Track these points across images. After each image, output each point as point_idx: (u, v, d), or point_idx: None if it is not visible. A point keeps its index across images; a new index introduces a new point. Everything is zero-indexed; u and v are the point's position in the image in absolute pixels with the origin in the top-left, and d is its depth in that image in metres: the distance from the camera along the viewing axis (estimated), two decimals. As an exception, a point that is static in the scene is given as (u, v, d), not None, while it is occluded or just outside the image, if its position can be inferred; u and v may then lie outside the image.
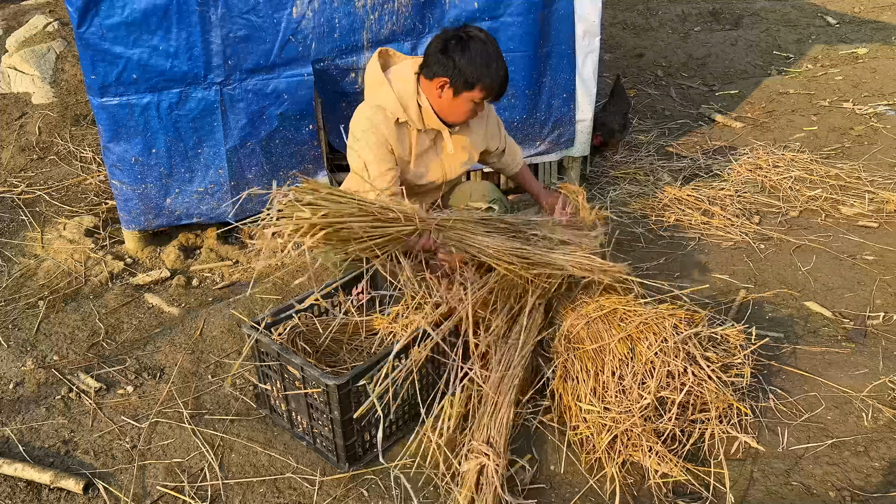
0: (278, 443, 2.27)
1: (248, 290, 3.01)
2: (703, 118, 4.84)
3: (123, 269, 3.14)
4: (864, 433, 2.26)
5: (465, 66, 2.30)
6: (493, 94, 2.38)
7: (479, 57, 2.29)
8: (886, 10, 6.91)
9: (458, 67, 2.30)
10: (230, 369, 2.59)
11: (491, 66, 2.31)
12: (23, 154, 3.93)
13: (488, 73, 2.31)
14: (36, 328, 2.78)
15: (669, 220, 3.56)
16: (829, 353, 2.61)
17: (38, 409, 2.41)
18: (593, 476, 2.13)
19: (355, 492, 2.09)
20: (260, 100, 2.95)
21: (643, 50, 6.13)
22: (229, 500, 2.08)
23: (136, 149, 2.93)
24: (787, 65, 5.72)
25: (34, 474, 2.12)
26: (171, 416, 2.38)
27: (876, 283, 3.01)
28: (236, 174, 3.06)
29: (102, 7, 2.65)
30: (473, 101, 2.39)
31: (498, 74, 2.33)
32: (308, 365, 2.08)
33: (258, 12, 2.80)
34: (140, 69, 2.78)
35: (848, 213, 3.55)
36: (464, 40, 2.30)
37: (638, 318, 2.29)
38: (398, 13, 3.00)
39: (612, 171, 4.08)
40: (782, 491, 2.07)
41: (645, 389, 2.14)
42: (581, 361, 2.28)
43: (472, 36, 2.31)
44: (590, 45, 3.38)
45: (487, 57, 2.30)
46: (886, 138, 4.33)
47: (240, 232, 3.40)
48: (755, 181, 3.88)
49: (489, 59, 2.30)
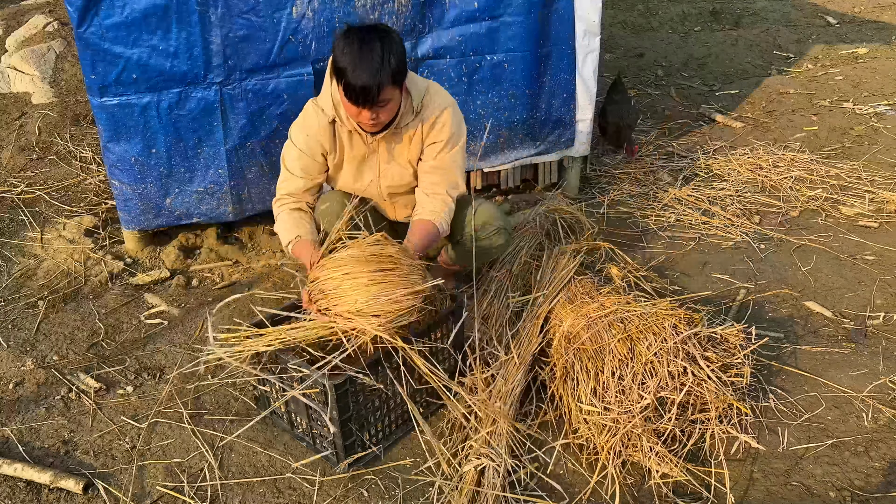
0: (278, 443, 2.27)
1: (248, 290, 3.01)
2: (703, 118, 4.84)
3: (123, 269, 3.13)
4: (864, 433, 2.26)
5: (337, 55, 2.09)
6: (350, 96, 2.10)
7: (349, 50, 2.05)
8: (886, 10, 6.91)
9: (333, 55, 2.12)
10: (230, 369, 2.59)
11: (357, 65, 2.04)
12: (23, 154, 3.93)
13: (349, 71, 2.05)
14: (36, 328, 2.78)
15: (669, 220, 3.55)
16: (829, 353, 2.61)
17: (38, 409, 2.41)
18: (593, 476, 2.13)
19: (355, 492, 2.09)
20: (260, 100, 2.95)
21: (643, 50, 6.13)
22: (229, 500, 2.08)
23: (136, 149, 2.92)
24: (787, 65, 5.72)
25: (34, 474, 2.12)
26: (170, 416, 2.38)
27: (876, 283, 3.01)
28: (236, 174, 3.06)
29: (102, 7, 2.65)
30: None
31: (357, 76, 2.04)
32: (306, 365, 2.08)
33: (258, 12, 2.80)
34: (140, 69, 2.77)
35: (848, 213, 3.55)
36: (355, 31, 2.09)
37: (638, 318, 2.29)
38: (398, 13, 3.00)
39: (613, 170, 4.08)
40: (782, 491, 2.07)
41: (645, 390, 2.14)
42: (581, 362, 2.28)
43: (367, 32, 2.09)
44: (590, 45, 3.38)
45: (359, 56, 2.04)
46: (886, 138, 4.33)
47: (239, 232, 3.40)
48: (755, 181, 3.88)
49: (361, 58, 2.04)
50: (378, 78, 2.05)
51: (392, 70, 2.08)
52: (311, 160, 2.39)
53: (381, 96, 2.10)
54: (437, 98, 2.35)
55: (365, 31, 2.09)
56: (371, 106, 2.12)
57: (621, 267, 2.97)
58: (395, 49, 2.09)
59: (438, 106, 2.33)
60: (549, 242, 3.15)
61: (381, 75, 2.06)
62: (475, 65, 3.22)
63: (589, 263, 3.05)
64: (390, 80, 2.09)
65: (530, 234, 3.13)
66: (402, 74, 2.15)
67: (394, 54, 2.08)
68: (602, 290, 2.59)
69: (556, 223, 3.26)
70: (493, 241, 2.54)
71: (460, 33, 3.13)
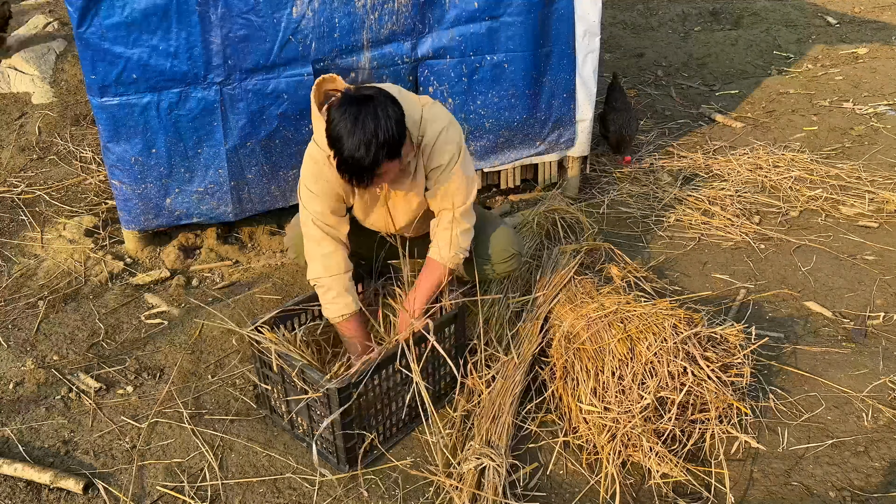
0: (278, 443, 2.27)
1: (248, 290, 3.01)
2: (703, 118, 4.84)
3: (123, 269, 3.13)
4: (864, 433, 2.26)
5: (330, 132, 2.00)
6: (344, 177, 2.04)
7: (345, 128, 1.96)
8: (886, 10, 6.90)
9: (328, 131, 2.01)
10: (230, 369, 2.59)
11: (352, 148, 1.95)
12: (23, 154, 3.93)
13: (344, 151, 1.97)
14: (36, 328, 2.78)
15: (669, 220, 3.55)
16: (829, 353, 2.61)
17: (38, 409, 2.41)
18: (593, 476, 2.13)
19: (355, 492, 2.09)
20: (260, 100, 2.95)
21: (643, 50, 6.13)
22: (229, 500, 2.08)
23: (136, 149, 2.92)
24: (787, 65, 5.72)
25: (34, 474, 2.12)
26: (170, 416, 2.38)
27: (876, 283, 3.01)
28: (236, 174, 3.06)
29: (102, 7, 2.65)
30: None
31: (352, 159, 1.96)
32: (308, 368, 2.08)
33: (258, 12, 2.80)
34: (140, 69, 2.77)
35: (848, 213, 3.55)
36: (350, 107, 1.98)
37: (638, 318, 2.29)
38: (398, 13, 3.00)
39: (613, 171, 4.08)
40: (782, 491, 2.07)
41: (645, 390, 2.14)
42: (581, 362, 2.28)
43: (362, 107, 1.97)
44: (590, 45, 3.38)
45: (354, 135, 1.95)
46: (886, 138, 4.33)
47: (239, 232, 3.40)
48: (755, 181, 3.88)
49: (355, 139, 1.95)
50: (374, 159, 1.96)
51: (388, 147, 1.98)
52: (335, 202, 2.26)
53: (377, 172, 2.02)
54: (435, 123, 2.21)
55: (360, 105, 1.97)
56: (367, 186, 2.08)
57: (621, 267, 2.98)
58: (392, 123, 1.98)
59: (434, 130, 2.20)
60: (549, 242, 3.15)
61: (377, 156, 1.96)
62: (475, 65, 3.22)
63: (589, 263, 3.05)
64: (386, 158, 2.00)
65: (530, 234, 3.13)
66: (398, 146, 2.03)
67: (390, 129, 1.97)
68: (602, 290, 2.59)
69: (556, 223, 3.26)
70: (506, 266, 2.53)
71: (460, 33, 3.13)
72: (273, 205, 3.20)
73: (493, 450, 2.09)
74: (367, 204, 2.34)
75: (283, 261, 3.22)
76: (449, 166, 2.23)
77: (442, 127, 2.21)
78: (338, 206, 2.27)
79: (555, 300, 2.59)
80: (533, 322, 2.53)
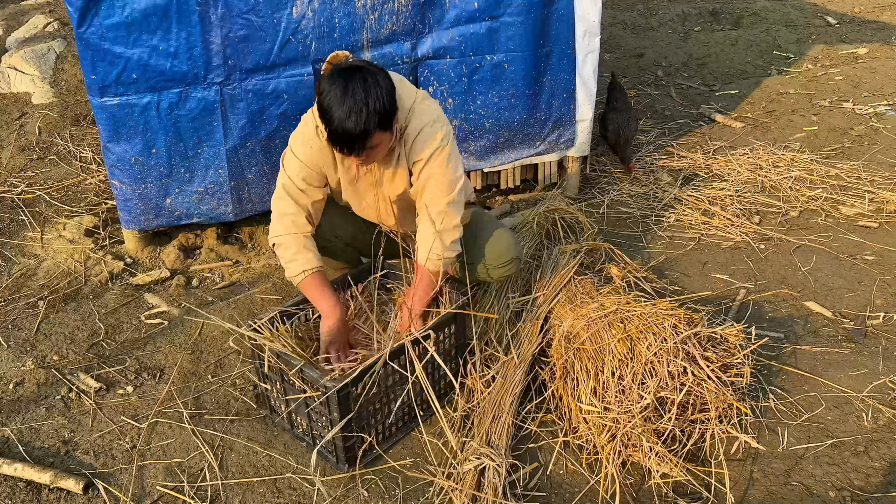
0: (278, 443, 2.27)
1: (248, 290, 3.01)
2: (703, 118, 4.84)
3: (123, 269, 3.13)
4: (864, 433, 2.26)
5: (321, 99, 2.02)
6: (336, 146, 2.05)
7: (335, 98, 1.98)
8: (886, 10, 6.90)
9: (319, 103, 2.03)
10: (230, 369, 2.59)
11: (341, 116, 1.97)
12: (23, 154, 3.93)
13: (334, 120, 1.98)
14: (36, 328, 2.78)
15: (669, 220, 3.55)
16: (829, 353, 2.61)
17: (38, 409, 2.41)
18: (593, 476, 2.13)
19: (355, 492, 2.09)
20: (260, 100, 2.95)
21: (643, 50, 6.13)
22: (229, 500, 2.08)
23: (136, 149, 2.92)
24: (787, 65, 5.72)
25: (34, 474, 2.12)
26: (171, 416, 2.38)
27: (876, 283, 3.01)
28: (236, 174, 3.06)
29: (102, 7, 2.65)
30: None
31: (342, 128, 1.98)
32: (308, 367, 2.08)
33: (258, 12, 2.80)
34: (140, 69, 2.77)
35: (848, 213, 3.55)
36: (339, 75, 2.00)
37: (638, 318, 2.29)
38: (398, 13, 3.00)
39: (612, 171, 4.08)
40: (782, 491, 2.07)
41: (645, 390, 2.14)
42: (581, 362, 2.28)
43: (351, 76, 1.99)
44: (590, 45, 3.38)
45: (344, 106, 1.96)
46: (886, 138, 4.32)
47: (239, 232, 3.40)
48: (755, 181, 3.88)
49: (345, 108, 1.96)
50: (363, 128, 1.97)
51: (378, 116, 1.99)
52: (313, 172, 2.28)
53: (368, 144, 2.04)
54: (422, 116, 2.21)
55: (348, 77, 1.99)
56: (357, 155, 2.08)
57: (621, 267, 2.97)
58: (381, 90, 2.00)
59: (419, 124, 2.20)
60: (549, 242, 3.15)
61: (367, 125, 1.98)
62: (475, 65, 3.22)
63: (589, 263, 3.05)
64: (377, 127, 2.01)
65: (530, 234, 3.13)
66: (389, 117, 2.06)
67: (380, 97, 1.99)
68: (602, 290, 2.59)
69: (556, 223, 3.26)
70: (504, 270, 2.52)
71: (460, 33, 3.13)
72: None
73: (492, 450, 2.09)
74: (356, 189, 2.34)
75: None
76: (430, 162, 2.21)
77: (426, 122, 2.21)
78: (314, 176, 2.27)
79: (555, 300, 2.59)
80: (533, 322, 2.53)
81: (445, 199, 2.23)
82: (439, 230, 2.22)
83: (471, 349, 2.42)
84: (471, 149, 3.42)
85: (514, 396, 2.29)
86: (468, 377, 2.37)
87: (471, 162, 3.46)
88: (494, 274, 2.51)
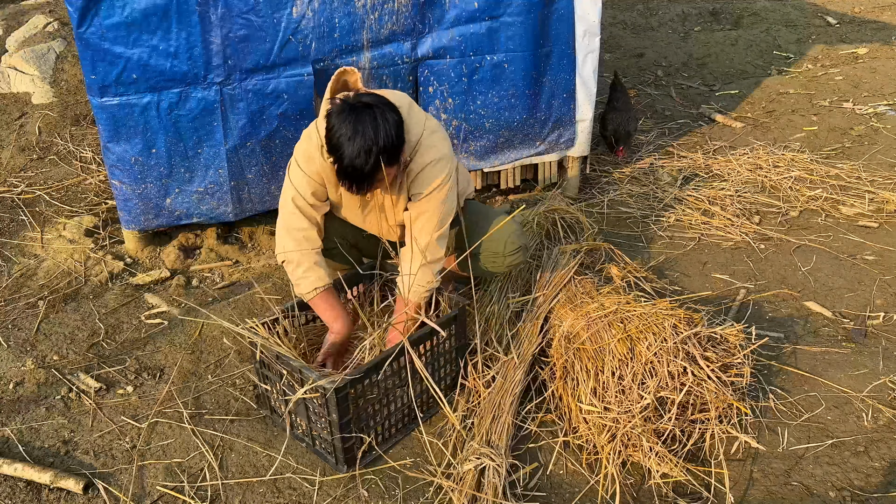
0: (278, 443, 2.27)
1: (248, 290, 3.01)
2: (703, 118, 4.84)
3: (123, 269, 3.13)
4: (864, 433, 2.26)
5: (329, 138, 2.02)
6: (343, 183, 2.06)
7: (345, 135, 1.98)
8: (886, 10, 6.91)
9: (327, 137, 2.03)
10: (230, 369, 2.59)
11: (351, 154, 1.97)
12: (23, 154, 3.93)
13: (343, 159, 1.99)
14: (36, 328, 2.78)
15: (669, 220, 3.55)
16: (829, 353, 2.61)
17: (38, 409, 2.41)
18: (593, 476, 2.13)
19: (355, 492, 2.09)
20: (260, 100, 2.95)
21: (643, 50, 6.13)
22: (229, 500, 2.08)
23: (136, 149, 2.92)
24: (787, 65, 5.72)
25: (34, 474, 2.12)
26: (171, 416, 2.38)
27: (876, 283, 3.01)
28: (236, 174, 3.06)
29: (102, 7, 2.65)
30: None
31: (350, 166, 1.98)
32: (306, 368, 2.08)
33: (258, 12, 2.80)
34: (140, 69, 2.77)
35: (848, 213, 3.55)
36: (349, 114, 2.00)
37: (638, 318, 2.29)
38: (398, 13, 3.00)
39: (613, 171, 4.08)
40: (782, 491, 2.07)
41: (645, 390, 2.14)
42: (581, 362, 2.28)
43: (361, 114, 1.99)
44: (590, 45, 3.38)
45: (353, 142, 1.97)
46: (886, 138, 4.33)
47: (239, 232, 3.40)
48: (755, 181, 3.88)
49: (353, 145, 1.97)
50: (374, 166, 1.98)
51: (387, 154, 2.00)
52: (319, 187, 2.27)
53: (375, 179, 2.04)
54: (427, 153, 2.20)
55: (359, 112, 1.99)
56: (364, 192, 2.09)
57: (621, 267, 2.97)
58: (390, 128, 1.99)
59: (423, 161, 2.19)
60: (549, 242, 3.15)
61: (377, 163, 1.98)
62: (475, 65, 3.22)
63: (589, 263, 3.05)
64: (384, 164, 2.00)
65: (530, 234, 3.13)
66: (397, 152, 2.05)
67: (389, 136, 1.99)
68: (602, 290, 2.59)
69: (556, 223, 3.26)
70: (512, 259, 2.51)
71: (460, 33, 3.13)
72: (273, 205, 3.20)
73: (492, 450, 2.09)
74: (356, 206, 2.34)
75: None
76: (427, 198, 2.22)
77: (432, 160, 2.20)
78: (321, 191, 2.28)
79: (555, 300, 2.59)
80: (533, 322, 2.53)
81: (436, 234, 2.25)
82: (429, 261, 2.24)
83: (471, 349, 2.42)
84: (471, 149, 3.42)
85: (514, 396, 2.29)
86: (468, 377, 2.37)
87: (471, 162, 3.46)
88: (502, 263, 2.50)
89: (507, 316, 2.62)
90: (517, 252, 2.49)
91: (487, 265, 2.52)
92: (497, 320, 2.59)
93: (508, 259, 2.50)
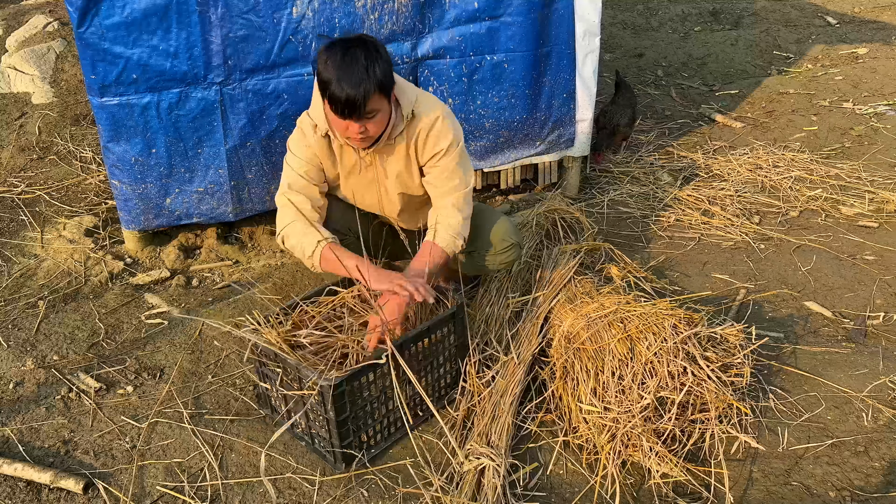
0: (278, 443, 2.27)
1: (248, 290, 3.01)
2: (703, 118, 4.84)
3: (123, 269, 3.13)
4: (864, 433, 2.26)
5: (320, 68, 2.05)
6: (336, 108, 2.06)
7: (332, 62, 2.02)
8: (886, 10, 6.90)
9: (318, 69, 2.07)
10: (230, 369, 2.59)
11: (341, 77, 2.00)
12: (23, 154, 3.93)
13: (333, 83, 2.01)
14: (36, 328, 2.78)
15: (669, 220, 3.55)
16: (829, 353, 2.61)
17: (38, 409, 2.41)
18: (593, 476, 2.13)
19: (355, 492, 2.09)
20: (260, 100, 2.95)
21: (643, 50, 6.13)
22: (229, 500, 2.08)
23: (136, 149, 2.92)
24: (787, 65, 5.72)
25: (34, 474, 2.12)
26: (170, 416, 2.38)
27: (876, 283, 3.01)
28: (236, 174, 3.06)
29: (102, 7, 2.65)
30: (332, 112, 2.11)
31: (342, 88, 2.00)
32: (303, 366, 2.08)
33: (258, 12, 2.80)
34: (140, 69, 2.77)
35: (848, 213, 3.55)
36: (338, 43, 2.06)
37: (638, 318, 2.29)
38: (398, 13, 3.00)
39: (613, 171, 4.08)
40: (782, 491, 2.07)
41: (645, 390, 2.14)
42: (581, 362, 2.28)
43: (350, 43, 2.05)
44: (590, 45, 3.38)
45: (343, 67, 2.00)
46: (886, 138, 4.32)
47: (239, 232, 3.40)
48: (755, 181, 3.88)
49: (345, 69, 2.00)
50: (363, 88, 2.01)
51: (378, 79, 2.03)
52: (314, 168, 2.34)
53: (368, 107, 2.05)
54: (428, 106, 2.27)
55: (347, 43, 2.05)
56: (358, 118, 2.08)
57: (621, 267, 2.97)
58: (380, 58, 2.04)
59: (430, 116, 2.26)
60: (549, 242, 3.15)
61: (367, 84, 2.01)
62: (475, 65, 3.22)
63: (589, 263, 3.05)
64: (376, 89, 2.04)
65: (530, 234, 3.13)
66: (388, 84, 2.09)
67: (379, 63, 2.03)
68: (602, 290, 2.59)
69: (556, 223, 3.26)
70: (506, 256, 2.52)
71: (460, 33, 3.13)
72: (273, 205, 3.18)
73: (492, 450, 2.09)
74: (355, 178, 2.38)
75: (283, 260, 3.22)
76: (448, 152, 2.30)
77: (438, 114, 2.29)
78: (314, 172, 2.34)
79: (555, 300, 2.59)
80: (533, 322, 2.53)
81: (459, 193, 2.34)
82: (456, 220, 2.32)
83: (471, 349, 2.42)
84: (471, 149, 3.42)
85: (513, 396, 2.29)
86: (468, 377, 2.36)
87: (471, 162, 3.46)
88: (495, 260, 2.52)
89: (506, 316, 2.62)
90: (510, 249, 2.51)
91: (481, 262, 2.53)
92: (497, 320, 2.59)
93: (502, 256, 2.51)
